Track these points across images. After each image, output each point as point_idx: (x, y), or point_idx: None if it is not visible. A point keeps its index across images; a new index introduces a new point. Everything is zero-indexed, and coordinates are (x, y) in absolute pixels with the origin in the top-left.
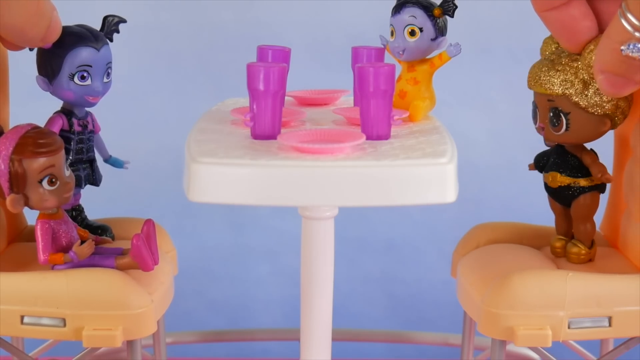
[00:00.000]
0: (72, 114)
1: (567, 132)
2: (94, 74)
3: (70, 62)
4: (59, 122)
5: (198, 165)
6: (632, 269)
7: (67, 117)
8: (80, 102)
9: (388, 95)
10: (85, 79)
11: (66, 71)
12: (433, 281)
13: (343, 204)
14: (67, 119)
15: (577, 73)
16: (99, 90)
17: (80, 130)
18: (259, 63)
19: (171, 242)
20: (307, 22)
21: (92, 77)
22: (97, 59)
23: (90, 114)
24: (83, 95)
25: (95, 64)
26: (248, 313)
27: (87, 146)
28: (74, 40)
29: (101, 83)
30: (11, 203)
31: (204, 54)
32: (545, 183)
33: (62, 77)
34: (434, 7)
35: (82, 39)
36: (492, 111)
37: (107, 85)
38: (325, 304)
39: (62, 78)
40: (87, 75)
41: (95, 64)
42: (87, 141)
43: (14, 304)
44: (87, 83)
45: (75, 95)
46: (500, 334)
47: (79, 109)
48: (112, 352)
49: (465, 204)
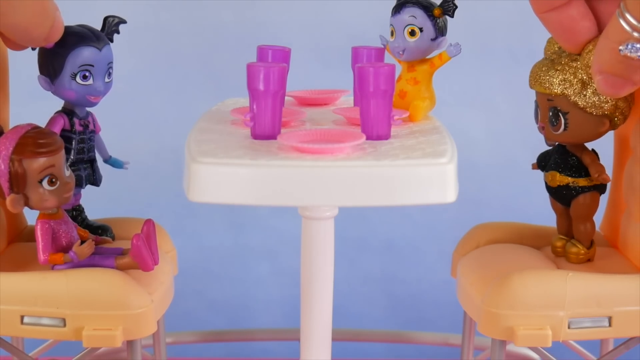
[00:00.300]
0: (74, 113)
1: (565, 132)
2: (96, 74)
3: (73, 62)
4: (61, 121)
5: (198, 165)
6: (632, 269)
7: (69, 116)
8: (82, 101)
9: (388, 95)
10: (87, 79)
11: (68, 71)
12: (433, 281)
13: (343, 204)
14: (69, 119)
15: (576, 73)
16: (101, 90)
17: (81, 130)
18: (259, 63)
19: (171, 242)
20: (307, 22)
21: (94, 77)
22: (98, 58)
23: (91, 114)
24: (85, 95)
25: (97, 64)
26: (248, 313)
27: (88, 146)
28: (76, 40)
29: (103, 83)
30: (11, 203)
31: (204, 54)
32: (546, 182)
33: (64, 77)
34: (434, 7)
35: (84, 39)
36: (492, 111)
37: (108, 85)
38: (325, 304)
39: (64, 78)
40: (89, 74)
41: (97, 63)
42: (88, 141)
43: (14, 304)
44: (89, 83)
45: (77, 94)
46: (500, 334)
47: (80, 108)
48: (112, 352)
49: (465, 204)
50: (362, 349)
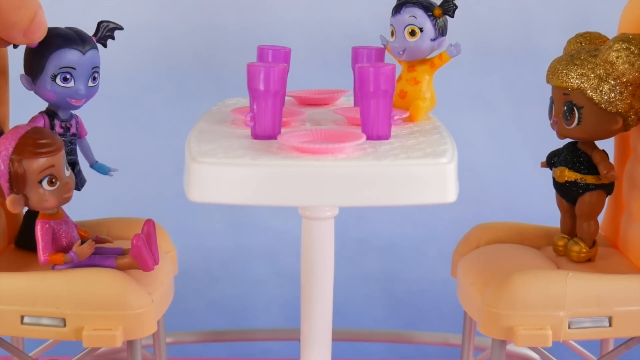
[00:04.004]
0: (56, 115)
1: (578, 127)
2: (78, 77)
3: (54, 63)
4: (40, 121)
5: (198, 165)
6: (632, 269)
7: (50, 118)
8: (63, 103)
9: (388, 95)
10: (68, 81)
11: (49, 71)
12: (433, 281)
13: (343, 204)
14: (50, 120)
15: (594, 68)
16: (82, 93)
17: (61, 132)
18: (259, 63)
19: (171, 242)
20: (307, 22)
21: (75, 80)
22: (81, 62)
23: (76, 118)
24: (65, 97)
25: (79, 67)
26: (248, 313)
27: (67, 149)
28: (60, 41)
29: (85, 86)
30: (11, 203)
31: (204, 54)
32: (554, 178)
33: (45, 77)
34: (434, 7)
35: (68, 41)
36: (492, 111)
37: (92, 89)
38: (325, 304)
39: (45, 78)
40: (69, 77)
41: (80, 66)
42: (68, 144)
43: (14, 304)
44: (70, 85)
45: (57, 96)
46: (500, 334)
47: (64, 111)
48: (112, 352)
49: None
50: (362, 349)
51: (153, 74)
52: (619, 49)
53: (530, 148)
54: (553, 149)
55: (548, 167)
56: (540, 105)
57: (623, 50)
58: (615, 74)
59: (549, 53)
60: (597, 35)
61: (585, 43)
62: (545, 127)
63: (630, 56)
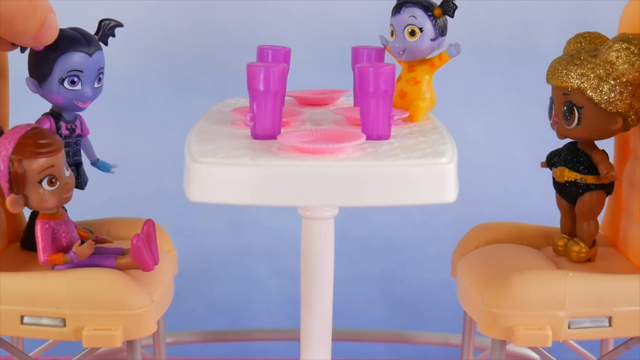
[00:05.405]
0: (61, 117)
1: (578, 127)
2: (85, 80)
3: (61, 67)
4: (47, 124)
5: (198, 165)
6: (632, 269)
7: (55, 119)
8: (69, 106)
9: (388, 95)
10: (76, 84)
11: (56, 75)
12: (433, 281)
13: (343, 204)
14: (55, 122)
15: (594, 68)
16: (89, 95)
17: (67, 134)
18: (259, 63)
19: (171, 242)
20: (307, 22)
21: (83, 83)
22: (88, 64)
23: (79, 117)
24: (72, 100)
25: (86, 70)
26: (248, 313)
27: (73, 150)
28: (67, 44)
29: (91, 88)
30: (11, 203)
31: (204, 54)
32: (554, 178)
33: (52, 81)
34: (434, 7)
35: (75, 44)
36: (492, 111)
37: (97, 90)
38: (325, 304)
39: (52, 82)
40: (77, 80)
41: (87, 69)
42: (73, 145)
43: (14, 304)
44: (77, 88)
45: (65, 99)
46: (500, 334)
47: (68, 112)
48: (112, 352)
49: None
50: (362, 349)
51: (153, 73)
52: (619, 49)
53: (530, 148)
54: (553, 149)
55: (548, 167)
56: (540, 105)
57: (623, 50)
58: (615, 74)
59: (549, 53)
60: (597, 35)
61: (585, 43)
62: (545, 127)
63: (630, 56)
